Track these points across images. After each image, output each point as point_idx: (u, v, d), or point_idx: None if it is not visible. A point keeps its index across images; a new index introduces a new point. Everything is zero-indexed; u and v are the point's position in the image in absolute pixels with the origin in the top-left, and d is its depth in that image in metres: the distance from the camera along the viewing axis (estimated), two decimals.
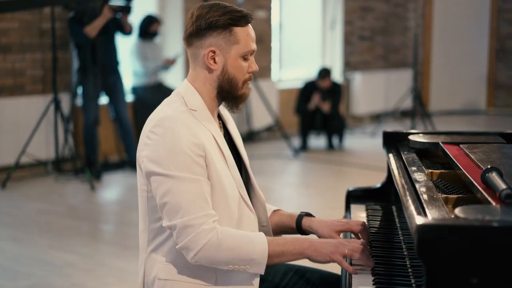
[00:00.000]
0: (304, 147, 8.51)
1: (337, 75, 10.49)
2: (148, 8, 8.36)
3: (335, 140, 8.65)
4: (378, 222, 2.65)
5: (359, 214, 2.76)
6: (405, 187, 2.13)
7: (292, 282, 2.41)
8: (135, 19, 7.50)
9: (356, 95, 10.68)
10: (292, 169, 7.85)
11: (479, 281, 1.53)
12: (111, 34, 7.13)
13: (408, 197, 2.00)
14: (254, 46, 2.19)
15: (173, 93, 2.24)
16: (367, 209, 2.81)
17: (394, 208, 2.80)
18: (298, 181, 7.43)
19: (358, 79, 10.65)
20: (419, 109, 9.89)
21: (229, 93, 2.19)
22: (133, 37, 7.82)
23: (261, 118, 9.13)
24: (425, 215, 1.78)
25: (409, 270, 2.09)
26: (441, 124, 10.17)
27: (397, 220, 2.62)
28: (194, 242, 1.99)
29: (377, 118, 10.94)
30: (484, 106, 12.37)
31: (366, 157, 8.14)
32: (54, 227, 5.32)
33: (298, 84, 10.08)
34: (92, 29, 6.75)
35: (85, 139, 7.10)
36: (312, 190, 6.82)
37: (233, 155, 2.23)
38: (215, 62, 2.15)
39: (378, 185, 2.97)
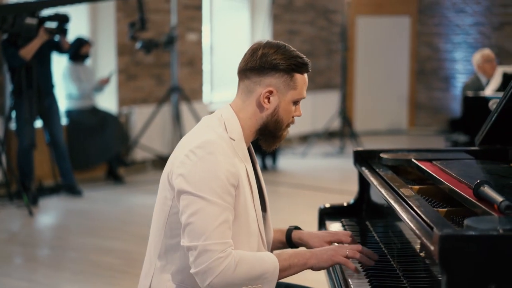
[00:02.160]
0: None
1: None
2: (80, 29, 8.27)
3: (269, 161, 8.75)
4: (358, 237, 2.73)
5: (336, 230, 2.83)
6: (398, 202, 2.22)
7: None
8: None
9: None
10: None
11: (497, 287, 1.62)
12: (46, 56, 7.03)
13: (406, 212, 2.08)
14: (305, 93, 2.25)
15: (214, 115, 2.24)
16: (343, 225, 2.89)
17: (368, 223, 2.89)
18: None
19: None
20: (347, 130, 10.14)
21: (271, 132, 2.23)
22: (64, 60, 7.73)
23: None
24: (431, 227, 1.87)
25: (404, 281, 2.17)
26: (368, 143, 10.44)
27: (375, 234, 2.71)
28: (212, 268, 1.99)
29: (305, 139, 11.13)
30: (406, 126, 12.78)
31: (299, 176, 8.28)
32: None
33: None
34: (28, 51, 6.63)
35: (19, 164, 6.94)
36: None
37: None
38: (269, 101, 2.19)
39: (351, 201, 3.06)
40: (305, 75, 2.23)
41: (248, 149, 2.30)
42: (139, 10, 7.35)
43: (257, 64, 2.17)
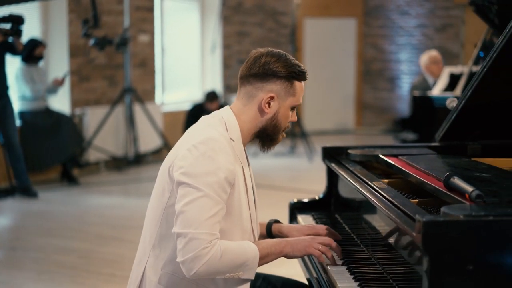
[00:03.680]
0: None
1: None
2: (32, 31, 8.24)
3: None
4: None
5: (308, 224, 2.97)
6: (374, 194, 2.36)
7: (263, 287, 2.60)
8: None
9: None
10: None
11: (474, 268, 1.77)
12: (0, 57, 6.99)
13: (383, 203, 2.23)
14: (301, 100, 2.39)
15: (215, 116, 2.35)
16: (314, 219, 3.03)
17: (338, 216, 3.04)
18: None
19: None
20: (297, 130, 10.32)
21: (268, 135, 2.36)
22: (17, 62, 7.69)
23: (147, 142, 9.20)
24: (409, 216, 2.02)
25: (380, 267, 2.32)
26: (317, 143, 10.62)
27: (346, 227, 2.86)
28: (199, 257, 2.09)
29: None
30: (352, 125, 13.05)
31: (254, 176, 8.38)
32: None
33: (182, 107, 10.24)
34: None
35: None
36: None
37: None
38: (269, 106, 2.31)
39: (321, 195, 3.20)
40: (303, 82, 2.37)
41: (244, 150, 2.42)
42: (92, 7, 7.38)
43: (259, 71, 2.30)
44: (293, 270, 3.64)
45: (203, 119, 2.38)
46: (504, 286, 1.80)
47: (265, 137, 2.38)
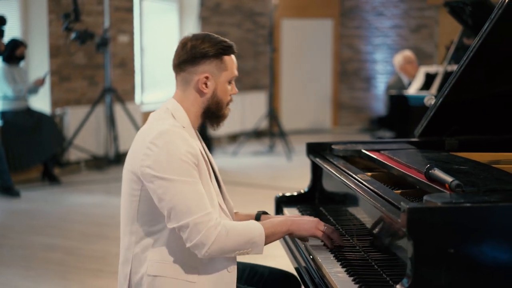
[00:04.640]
0: None
1: None
2: (12, 31, 8.28)
3: None
4: None
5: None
6: (359, 186, 2.50)
7: (250, 276, 2.74)
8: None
9: None
10: None
11: (455, 251, 1.92)
12: None
13: (368, 194, 2.37)
14: (236, 72, 2.50)
15: (161, 110, 2.45)
16: (300, 211, 3.16)
17: (322, 209, 3.18)
18: None
19: None
20: (275, 129, 10.46)
21: (214, 113, 2.48)
22: None
23: (127, 141, 9.27)
24: (393, 205, 2.16)
25: (365, 255, 2.46)
26: (295, 142, 10.78)
27: (331, 218, 3.00)
28: (206, 237, 2.22)
29: (234, 138, 11.39)
30: (329, 125, 13.22)
31: (231, 174, 8.52)
32: None
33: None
34: None
35: None
36: None
37: None
38: (207, 86, 2.43)
39: (306, 189, 3.33)
40: (232, 56, 2.47)
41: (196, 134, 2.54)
42: (72, 1, 7.44)
43: (189, 56, 2.41)
44: (279, 263, 3.76)
45: (152, 115, 2.48)
46: (482, 267, 1.94)
47: (211, 115, 2.48)
